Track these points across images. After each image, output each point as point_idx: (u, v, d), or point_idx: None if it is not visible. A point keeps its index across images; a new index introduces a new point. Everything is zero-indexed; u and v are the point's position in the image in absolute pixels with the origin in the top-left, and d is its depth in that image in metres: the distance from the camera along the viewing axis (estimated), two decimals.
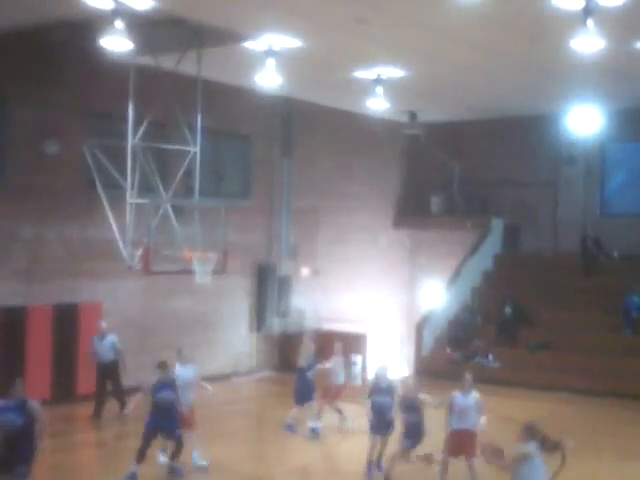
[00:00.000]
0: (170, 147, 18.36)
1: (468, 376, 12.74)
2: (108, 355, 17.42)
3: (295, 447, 15.76)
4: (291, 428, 16.34)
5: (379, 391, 13.49)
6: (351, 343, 23.69)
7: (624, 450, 15.32)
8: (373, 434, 13.53)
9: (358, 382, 22.84)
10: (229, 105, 21.27)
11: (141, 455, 12.63)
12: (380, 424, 13.43)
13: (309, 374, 16.56)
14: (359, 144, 25.89)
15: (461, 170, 26.91)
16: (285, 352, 23.50)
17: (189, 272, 18.03)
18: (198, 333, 21.20)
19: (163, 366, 12.97)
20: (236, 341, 22.69)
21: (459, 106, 24.25)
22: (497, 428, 15.52)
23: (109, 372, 17.46)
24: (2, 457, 10.45)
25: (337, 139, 25.19)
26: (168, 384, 12.88)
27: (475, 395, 12.60)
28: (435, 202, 27.39)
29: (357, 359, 23.54)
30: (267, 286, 23.24)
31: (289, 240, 23.97)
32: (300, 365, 16.77)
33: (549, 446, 9.40)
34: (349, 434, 16.40)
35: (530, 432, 9.42)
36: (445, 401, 12.71)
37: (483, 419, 12.56)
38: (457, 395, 12.58)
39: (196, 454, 13.76)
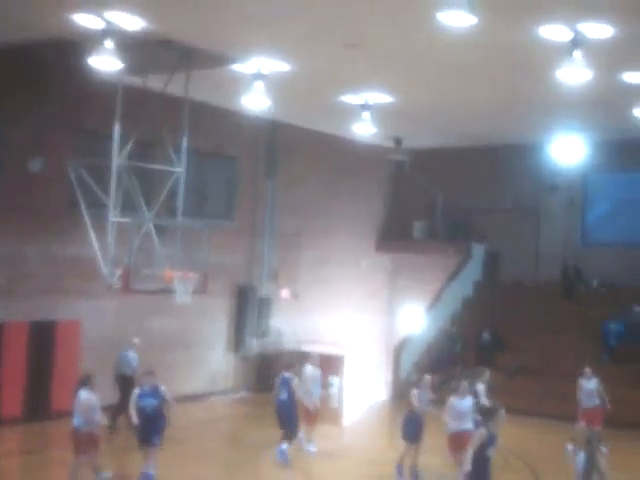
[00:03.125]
0: (155, 167, 18.28)
1: (464, 383, 14.24)
2: (134, 368, 17.81)
3: (269, 469, 15.66)
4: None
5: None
6: (329, 365, 23.73)
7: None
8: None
9: (334, 404, 22.88)
10: (215, 126, 21.20)
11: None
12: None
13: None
14: (344, 168, 25.92)
15: (444, 196, 27.00)
16: (262, 373, 23.40)
17: (169, 291, 17.97)
18: (177, 352, 21.08)
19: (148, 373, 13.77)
20: (214, 361, 22.57)
21: (444, 133, 24.32)
22: None
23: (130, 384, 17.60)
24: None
25: (322, 163, 25.21)
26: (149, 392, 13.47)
27: (470, 399, 13.98)
28: (417, 227, 27.47)
29: (334, 381, 23.57)
30: (247, 307, 23.16)
31: (270, 262, 23.91)
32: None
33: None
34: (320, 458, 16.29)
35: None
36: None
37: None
38: (453, 400, 13.90)
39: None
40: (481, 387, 15.80)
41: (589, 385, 17.82)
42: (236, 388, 23.15)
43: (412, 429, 14.43)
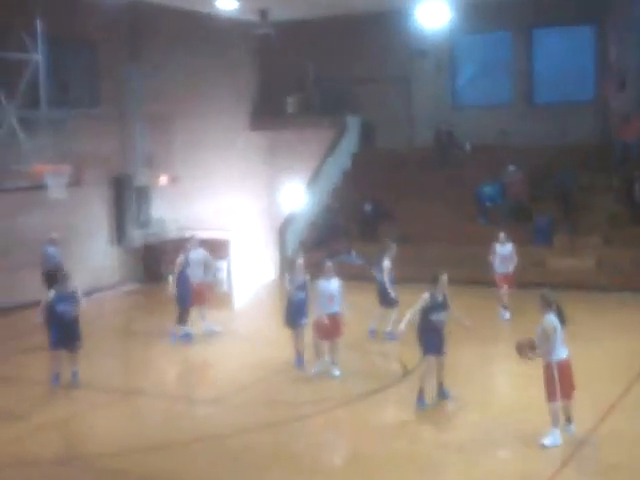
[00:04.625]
0: (9, 55, 17.30)
1: (328, 264, 13.65)
2: (59, 262, 17.98)
3: (165, 356, 15.74)
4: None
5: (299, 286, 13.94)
6: (215, 249, 23.69)
7: (484, 336, 16.00)
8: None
9: (224, 288, 22.97)
10: (72, 10, 20.14)
11: None
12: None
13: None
14: (211, 46, 25.17)
15: (315, 69, 26.71)
16: (148, 263, 23.20)
17: (41, 187, 17.43)
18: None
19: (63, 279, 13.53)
20: (97, 255, 22.17)
21: (309, 3, 23.82)
22: (361, 319, 16.02)
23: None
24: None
25: (188, 42, 24.36)
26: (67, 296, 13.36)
27: (337, 281, 13.49)
28: (291, 102, 27.22)
29: (222, 265, 23.58)
30: (125, 197, 22.72)
31: (144, 148, 23.29)
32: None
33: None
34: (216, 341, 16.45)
35: (546, 301, 10.39)
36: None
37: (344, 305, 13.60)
38: (321, 282, 13.46)
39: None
40: (387, 263, 15.75)
41: (504, 250, 17.65)
42: (123, 281, 22.91)
43: (289, 314, 14.06)
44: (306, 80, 26.94)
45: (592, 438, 10.70)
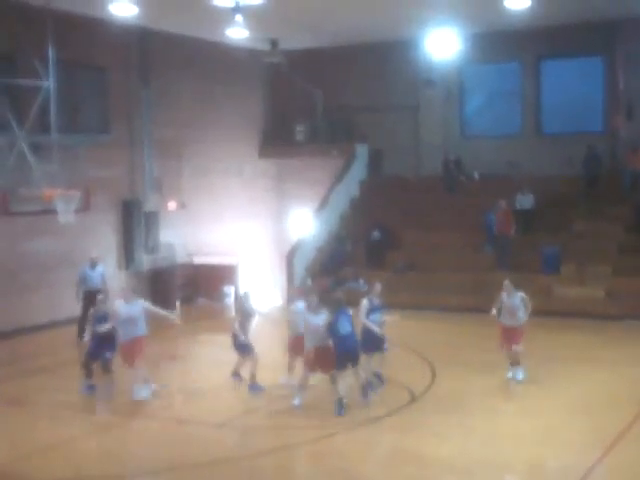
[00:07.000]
0: (21, 82, 17.47)
1: (315, 298, 13.38)
2: (97, 283, 18.42)
3: (171, 380, 15.69)
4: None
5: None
6: (222, 275, 23.79)
7: (489, 362, 15.93)
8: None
9: (231, 313, 22.95)
10: (82, 36, 20.34)
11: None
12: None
13: None
14: (221, 73, 25.47)
15: (324, 97, 26.90)
16: (156, 288, 23.21)
17: (51, 211, 17.51)
18: (63, 273, 20.56)
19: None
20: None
21: (319, 32, 24.04)
22: None
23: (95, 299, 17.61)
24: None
25: (197, 69, 24.66)
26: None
27: (324, 314, 13.15)
28: (299, 130, 27.36)
29: (230, 290, 23.66)
30: (133, 222, 22.80)
31: (153, 173, 23.45)
32: None
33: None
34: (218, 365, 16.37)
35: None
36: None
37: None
38: (309, 317, 13.26)
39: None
40: (364, 302, 14.03)
41: (512, 301, 14.60)
42: None
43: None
44: (315, 108, 27.11)
45: (600, 467, 10.61)
